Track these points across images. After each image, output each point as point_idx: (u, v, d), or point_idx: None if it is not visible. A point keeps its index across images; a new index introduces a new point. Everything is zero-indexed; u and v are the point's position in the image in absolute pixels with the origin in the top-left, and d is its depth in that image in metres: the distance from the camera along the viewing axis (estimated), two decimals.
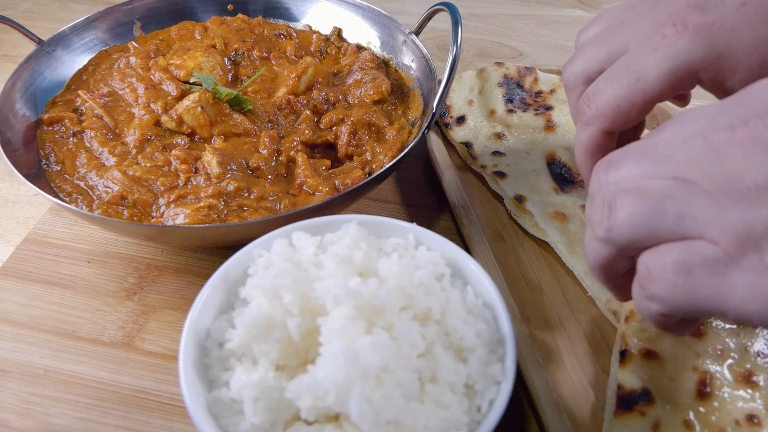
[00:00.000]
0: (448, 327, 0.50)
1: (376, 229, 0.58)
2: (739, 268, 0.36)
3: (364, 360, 0.44)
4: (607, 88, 0.54)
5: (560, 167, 0.80)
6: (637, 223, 0.39)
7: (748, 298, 0.35)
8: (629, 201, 0.40)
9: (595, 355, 0.62)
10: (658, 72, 0.50)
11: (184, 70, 0.82)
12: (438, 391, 0.46)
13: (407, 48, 0.88)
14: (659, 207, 0.38)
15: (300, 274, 0.50)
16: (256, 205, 0.67)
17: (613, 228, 0.41)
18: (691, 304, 0.38)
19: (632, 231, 0.40)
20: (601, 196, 0.42)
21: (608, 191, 0.42)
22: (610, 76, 0.54)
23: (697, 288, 0.37)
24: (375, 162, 0.74)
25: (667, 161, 0.39)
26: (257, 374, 0.47)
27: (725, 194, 0.36)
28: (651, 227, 0.39)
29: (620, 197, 0.40)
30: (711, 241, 0.36)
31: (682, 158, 0.39)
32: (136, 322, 0.67)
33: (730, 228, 0.35)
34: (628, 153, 0.43)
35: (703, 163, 0.38)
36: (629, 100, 0.52)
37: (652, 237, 0.39)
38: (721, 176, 0.36)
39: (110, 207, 0.67)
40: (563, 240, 0.71)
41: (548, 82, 0.90)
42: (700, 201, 0.37)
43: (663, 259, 0.38)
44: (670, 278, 0.38)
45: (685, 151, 0.39)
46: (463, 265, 0.57)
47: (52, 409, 0.60)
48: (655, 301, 0.39)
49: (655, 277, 0.39)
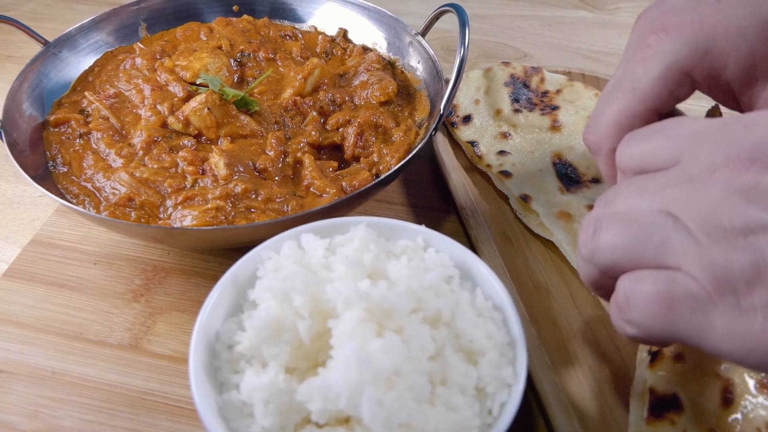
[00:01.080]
0: (458, 329, 0.50)
1: (385, 231, 0.58)
2: (717, 309, 0.36)
3: (376, 363, 0.44)
4: (605, 109, 0.54)
5: (566, 167, 0.80)
6: (619, 246, 0.40)
7: (725, 338, 0.36)
8: (615, 225, 0.41)
9: (603, 357, 0.62)
10: (650, 77, 0.51)
11: (190, 72, 0.82)
12: (449, 394, 0.46)
13: (413, 49, 0.88)
14: (642, 235, 0.39)
15: (310, 276, 0.50)
16: (264, 206, 0.67)
17: (596, 250, 0.42)
18: (668, 334, 0.38)
19: (613, 254, 0.41)
20: (590, 218, 0.43)
21: (597, 215, 0.43)
22: (605, 98, 0.54)
23: (676, 321, 0.37)
24: (382, 163, 0.74)
25: (655, 196, 0.40)
26: (267, 377, 0.47)
27: (705, 233, 0.36)
28: (632, 253, 0.39)
29: (606, 221, 0.41)
30: (691, 277, 0.37)
31: (670, 194, 0.39)
32: (144, 324, 0.67)
33: (708, 267, 0.36)
34: (621, 189, 0.43)
35: (687, 201, 0.38)
36: (628, 111, 0.52)
37: (632, 262, 0.40)
38: (701, 215, 0.37)
39: (118, 209, 0.66)
40: (568, 240, 0.71)
41: (555, 83, 0.90)
42: (681, 236, 0.37)
43: (644, 287, 0.39)
44: (650, 308, 0.38)
45: (673, 186, 0.40)
46: (472, 267, 0.56)
47: (59, 411, 0.60)
48: (632, 325, 0.40)
49: (635, 303, 0.39)
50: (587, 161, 0.80)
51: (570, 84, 0.89)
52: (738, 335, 0.35)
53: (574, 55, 1.16)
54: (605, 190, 0.75)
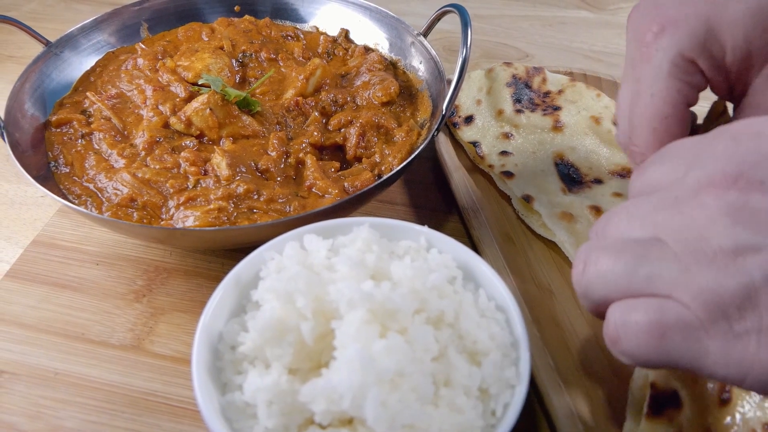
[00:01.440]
0: (462, 330, 0.50)
1: (388, 232, 0.58)
2: (710, 335, 0.35)
3: (380, 364, 0.44)
4: (635, 120, 0.54)
5: (568, 167, 0.80)
6: (609, 281, 0.39)
7: (720, 364, 0.36)
8: (602, 259, 0.40)
9: (606, 357, 0.62)
10: (662, 77, 0.51)
11: (192, 72, 0.81)
12: (452, 395, 0.46)
13: (415, 50, 0.88)
14: (630, 266, 0.38)
15: (313, 277, 0.50)
16: (266, 207, 0.67)
17: (587, 287, 0.41)
18: (662, 362, 0.38)
19: (605, 289, 0.40)
20: (580, 253, 0.42)
21: (586, 249, 0.42)
22: (630, 111, 0.54)
23: (669, 350, 0.37)
24: (384, 164, 0.74)
25: (643, 222, 0.39)
26: (270, 378, 0.47)
27: (693, 258, 0.36)
28: (622, 285, 0.39)
29: (594, 255, 0.41)
30: (682, 304, 0.36)
31: (657, 219, 0.39)
32: (146, 324, 0.67)
33: (698, 294, 0.35)
34: (612, 216, 0.43)
35: (674, 225, 0.37)
36: (659, 116, 0.52)
37: (624, 294, 0.39)
38: (688, 239, 0.36)
39: (120, 209, 0.66)
40: (571, 240, 0.71)
41: (557, 83, 0.90)
42: (669, 264, 0.37)
43: (635, 318, 0.38)
44: (642, 339, 0.37)
45: (660, 209, 0.39)
46: (474, 268, 0.56)
47: (61, 412, 0.60)
48: (626, 356, 0.39)
49: (626, 335, 0.38)
50: (589, 162, 0.80)
51: (572, 84, 0.89)
52: (732, 361, 0.35)
53: (575, 55, 1.16)
54: (605, 189, 0.75)
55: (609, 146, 0.82)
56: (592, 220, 0.71)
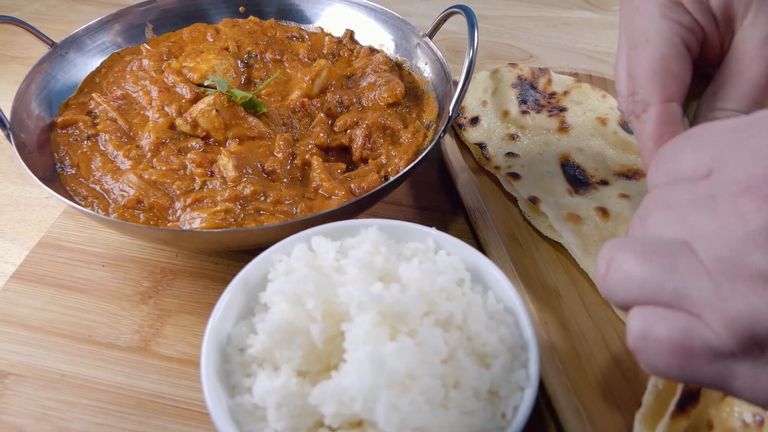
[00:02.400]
0: (471, 332, 0.50)
1: (395, 234, 0.58)
2: (739, 361, 0.34)
3: (390, 366, 0.44)
4: (634, 70, 0.54)
5: (574, 169, 0.79)
6: (633, 288, 0.37)
7: (747, 389, 0.34)
8: (627, 263, 0.37)
9: (613, 359, 0.62)
10: (652, 18, 0.53)
11: (198, 73, 0.81)
12: (462, 398, 0.46)
13: (421, 51, 0.88)
14: (657, 277, 0.36)
15: (322, 279, 0.50)
16: (273, 208, 0.67)
17: (610, 290, 0.39)
18: (685, 379, 0.37)
19: (627, 295, 0.38)
20: (604, 250, 0.40)
21: (609, 248, 0.39)
22: (627, 61, 0.55)
23: (692, 371, 0.35)
24: (390, 165, 0.74)
25: (678, 219, 0.37)
26: (280, 380, 0.47)
27: (727, 277, 0.33)
28: (647, 295, 0.36)
29: (619, 256, 0.38)
30: (712, 329, 0.34)
31: (692, 219, 0.36)
32: (152, 326, 0.67)
33: (730, 321, 0.33)
34: (651, 203, 0.40)
35: (709, 231, 0.34)
36: (658, 58, 0.53)
37: (646, 302, 0.37)
38: (724, 253, 0.33)
39: (126, 211, 0.66)
40: (577, 242, 0.70)
41: (562, 84, 0.90)
42: (700, 280, 0.34)
43: (658, 333, 0.36)
44: (665, 357, 0.36)
45: (696, 208, 0.36)
46: (483, 270, 0.56)
47: (68, 414, 0.60)
48: (647, 367, 0.38)
49: (647, 348, 0.37)
50: (595, 163, 0.80)
51: (577, 85, 0.89)
52: (761, 386, 0.33)
53: (579, 55, 1.16)
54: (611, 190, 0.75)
55: (615, 147, 0.82)
56: (599, 222, 0.71)
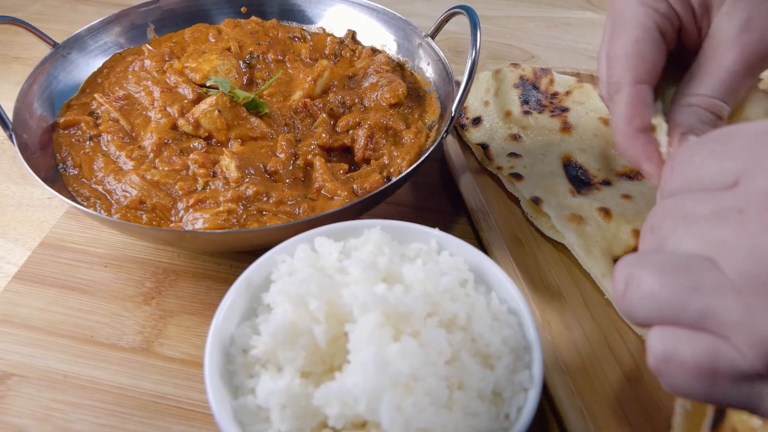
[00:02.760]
0: (474, 333, 0.50)
1: (398, 234, 0.58)
2: (766, 383, 0.32)
3: (394, 367, 0.44)
4: (611, 54, 0.57)
5: (576, 169, 0.79)
6: (653, 309, 0.35)
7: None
8: (647, 281, 0.35)
9: (616, 360, 0.62)
10: (630, 4, 0.56)
11: (200, 73, 0.81)
12: (466, 399, 0.46)
13: (423, 51, 0.88)
14: (680, 297, 0.34)
15: (325, 280, 0.50)
16: (275, 209, 0.67)
17: (629, 310, 0.37)
18: (710, 401, 0.35)
19: (647, 315, 0.36)
20: (622, 266, 0.38)
21: (626, 264, 0.37)
22: (605, 44, 0.58)
23: (718, 393, 0.34)
24: (392, 166, 0.74)
25: (701, 232, 0.35)
26: (283, 381, 0.47)
27: (757, 296, 0.31)
28: (669, 316, 0.35)
29: (638, 273, 0.36)
30: (739, 351, 0.32)
31: (717, 233, 0.34)
32: (155, 327, 0.67)
33: (758, 343, 0.31)
34: (665, 212, 0.38)
35: (735, 246, 0.33)
36: (631, 40, 0.55)
37: (668, 322, 0.35)
38: (754, 270, 0.32)
39: (129, 211, 0.66)
40: (580, 243, 0.70)
41: (564, 84, 0.90)
42: (727, 299, 0.32)
43: (682, 356, 0.34)
44: (689, 379, 0.34)
45: (720, 221, 0.34)
46: (486, 271, 0.56)
47: (71, 415, 0.60)
48: (671, 388, 0.36)
49: (670, 371, 0.35)
50: (597, 163, 0.80)
51: (579, 85, 0.89)
52: None
53: (580, 56, 1.16)
54: (613, 190, 0.75)
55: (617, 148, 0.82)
56: (601, 222, 0.71)
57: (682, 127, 0.55)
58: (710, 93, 0.55)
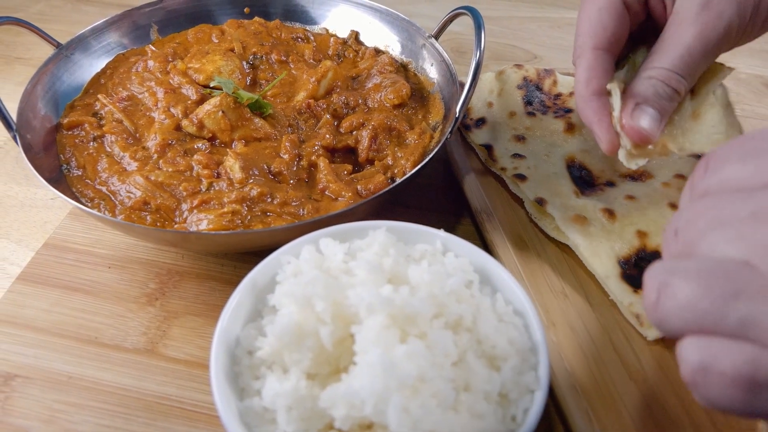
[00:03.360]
0: (480, 335, 0.50)
1: (404, 236, 0.58)
2: None
3: (401, 369, 0.44)
4: (578, 21, 0.63)
5: (580, 170, 0.79)
6: (689, 319, 0.34)
7: None
8: (684, 289, 0.34)
9: (621, 359, 0.62)
10: None
11: (203, 74, 0.81)
12: (473, 401, 0.46)
13: (426, 52, 0.88)
14: (719, 305, 0.32)
15: (331, 282, 0.50)
16: (280, 210, 0.67)
17: (663, 320, 0.35)
18: (749, 414, 0.34)
19: (683, 325, 0.34)
20: (653, 273, 0.36)
21: (659, 271, 0.36)
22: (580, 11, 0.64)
23: (759, 404, 0.32)
24: (396, 167, 0.74)
25: (735, 235, 0.33)
26: (290, 383, 0.46)
27: None
28: (707, 325, 0.33)
29: (673, 281, 0.34)
30: None
31: (755, 235, 0.32)
32: (159, 328, 0.67)
33: None
34: (693, 215, 0.36)
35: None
36: (594, 9, 0.60)
37: (705, 331, 0.34)
38: None
39: (133, 212, 0.66)
40: (584, 244, 0.70)
41: (567, 85, 0.90)
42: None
43: (721, 367, 0.32)
44: (728, 391, 0.33)
45: (758, 222, 0.33)
46: (491, 272, 0.56)
47: (75, 416, 0.60)
48: (707, 402, 0.35)
49: (707, 383, 0.34)
50: (601, 164, 0.80)
51: None
52: None
53: None
54: (617, 191, 0.75)
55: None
56: (605, 223, 0.71)
57: (638, 97, 0.58)
58: (669, 67, 0.58)
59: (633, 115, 0.58)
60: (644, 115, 0.57)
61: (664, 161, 0.79)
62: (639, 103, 0.58)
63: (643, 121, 0.57)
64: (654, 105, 0.58)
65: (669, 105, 0.58)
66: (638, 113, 0.58)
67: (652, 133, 0.57)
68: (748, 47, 0.64)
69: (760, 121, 1.00)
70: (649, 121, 0.57)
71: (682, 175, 0.75)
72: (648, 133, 0.57)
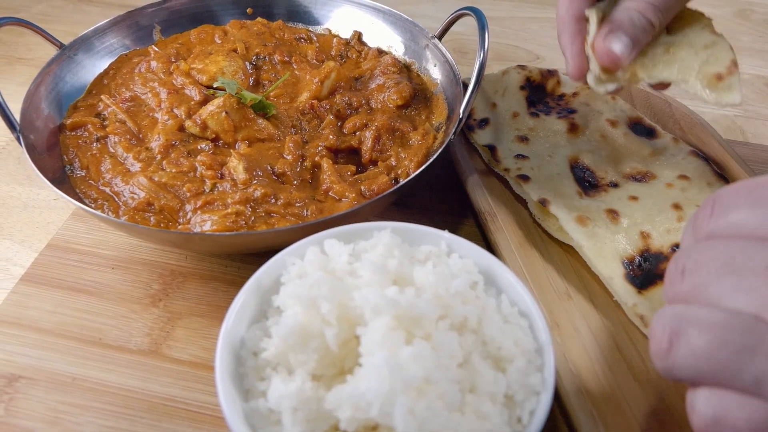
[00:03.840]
0: (486, 336, 0.50)
1: (408, 236, 0.58)
2: None
3: (407, 371, 0.44)
4: None
5: (583, 171, 0.79)
6: (703, 370, 0.33)
7: None
8: (698, 339, 0.33)
9: (625, 360, 0.62)
10: None
11: (207, 75, 0.81)
12: (479, 402, 0.46)
13: (430, 52, 0.88)
14: (734, 360, 0.32)
15: (336, 283, 0.50)
16: (283, 211, 0.66)
17: (673, 368, 0.35)
18: None
19: (695, 375, 0.34)
20: (663, 319, 0.36)
21: (671, 316, 0.35)
22: None
23: None
24: (400, 167, 0.74)
25: (747, 287, 0.33)
26: (295, 384, 0.46)
27: None
28: (721, 379, 0.33)
29: (687, 329, 0.34)
30: None
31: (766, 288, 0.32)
32: (163, 329, 0.67)
33: None
34: (702, 257, 0.36)
35: None
36: None
37: (719, 384, 0.33)
38: None
39: (137, 213, 0.66)
40: (588, 244, 0.70)
41: (571, 85, 0.90)
42: None
43: (734, 422, 0.32)
44: None
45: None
46: (496, 273, 0.56)
47: (79, 417, 0.60)
48: None
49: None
50: (605, 165, 0.80)
51: (586, 87, 0.89)
52: None
53: None
54: (621, 192, 0.75)
55: (624, 149, 0.81)
56: (609, 224, 0.71)
57: (613, 24, 0.59)
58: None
59: (606, 39, 0.59)
60: (617, 40, 0.59)
61: (666, 162, 0.79)
62: (613, 29, 0.59)
63: (615, 45, 0.59)
64: (628, 32, 0.59)
65: (643, 35, 0.59)
66: (611, 37, 0.59)
67: (622, 57, 0.59)
68: (750, 48, 0.64)
69: (763, 122, 1.00)
70: (621, 46, 0.59)
71: (685, 176, 0.75)
72: (618, 56, 0.59)
